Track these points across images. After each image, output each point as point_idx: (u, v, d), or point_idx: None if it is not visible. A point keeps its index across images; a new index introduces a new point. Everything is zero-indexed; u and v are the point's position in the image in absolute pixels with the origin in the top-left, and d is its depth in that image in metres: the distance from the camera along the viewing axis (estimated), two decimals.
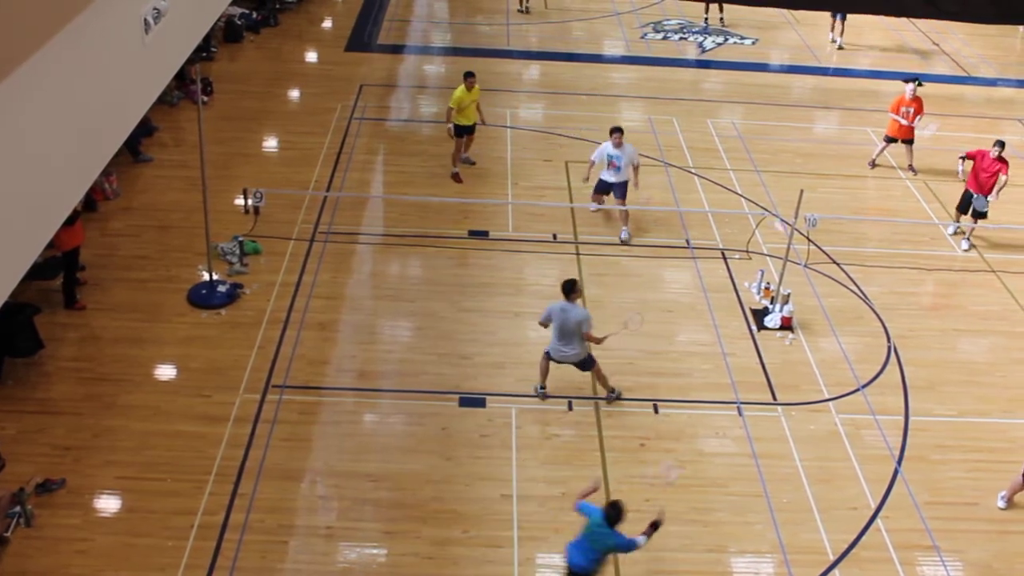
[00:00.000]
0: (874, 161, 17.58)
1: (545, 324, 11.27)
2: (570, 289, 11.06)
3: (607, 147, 14.73)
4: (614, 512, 8.58)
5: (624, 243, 14.78)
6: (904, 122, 17.04)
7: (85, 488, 10.02)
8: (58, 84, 7.00)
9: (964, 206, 15.31)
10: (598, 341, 11.02)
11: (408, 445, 10.91)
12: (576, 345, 11.09)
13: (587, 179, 15.10)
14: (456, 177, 16.14)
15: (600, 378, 11.53)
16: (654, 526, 8.76)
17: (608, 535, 8.61)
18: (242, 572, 9.28)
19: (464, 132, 16.07)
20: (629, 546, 8.67)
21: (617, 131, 14.73)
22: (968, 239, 15.34)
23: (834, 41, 23.69)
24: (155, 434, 10.75)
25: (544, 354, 11.43)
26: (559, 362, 11.38)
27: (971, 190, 15.16)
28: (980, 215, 15.13)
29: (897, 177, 17.35)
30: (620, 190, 14.80)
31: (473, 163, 16.56)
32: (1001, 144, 15.01)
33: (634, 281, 13.95)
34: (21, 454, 10.26)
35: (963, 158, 15.32)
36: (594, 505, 8.80)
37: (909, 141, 17.25)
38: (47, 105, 6.89)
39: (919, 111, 17.07)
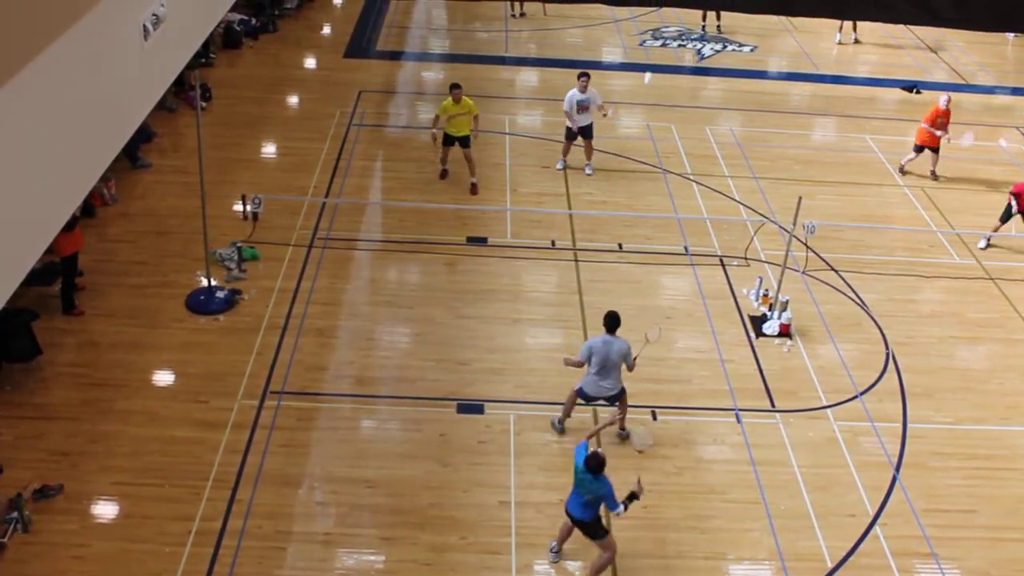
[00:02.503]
0: (903, 167, 17.59)
1: (580, 364, 10.73)
2: (616, 324, 10.68)
3: (575, 93, 16.15)
4: (595, 461, 8.86)
5: (589, 176, 16.66)
6: (939, 133, 17.01)
7: (82, 494, 10.00)
8: (57, 89, 7.01)
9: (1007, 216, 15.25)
10: (632, 368, 10.82)
11: (406, 451, 10.90)
12: (615, 378, 10.77)
13: (573, 129, 16.47)
14: (443, 174, 16.33)
15: (624, 408, 11.08)
16: (632, 497, 8.98)
17: (591, 481, 8.90)
18: None
19: (452, 141, 15.93)
20: (611, 501, 8.92)
21: (584, 76, 16.17)
22: (988, 239, 15.37)
23: (841, 43, 23.80)
24: (152, 440, 10.73)
25: (575, 390, 10.95)
26: (593, 398, 10.94)
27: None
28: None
29: (896, 184, 17.37)
30: (588, 131, 16.52)
31: (475, 184, 16.12)
32: None
33: (632, 287, 13.94)
34: (18, 459, 10.25)
35: (1013, 193, 15.11)
36: (582, 448, 9.17)
37: (936, 149, 17.28)
38: (46, 110, 6.90)
39: (949, 123, 17.13)
